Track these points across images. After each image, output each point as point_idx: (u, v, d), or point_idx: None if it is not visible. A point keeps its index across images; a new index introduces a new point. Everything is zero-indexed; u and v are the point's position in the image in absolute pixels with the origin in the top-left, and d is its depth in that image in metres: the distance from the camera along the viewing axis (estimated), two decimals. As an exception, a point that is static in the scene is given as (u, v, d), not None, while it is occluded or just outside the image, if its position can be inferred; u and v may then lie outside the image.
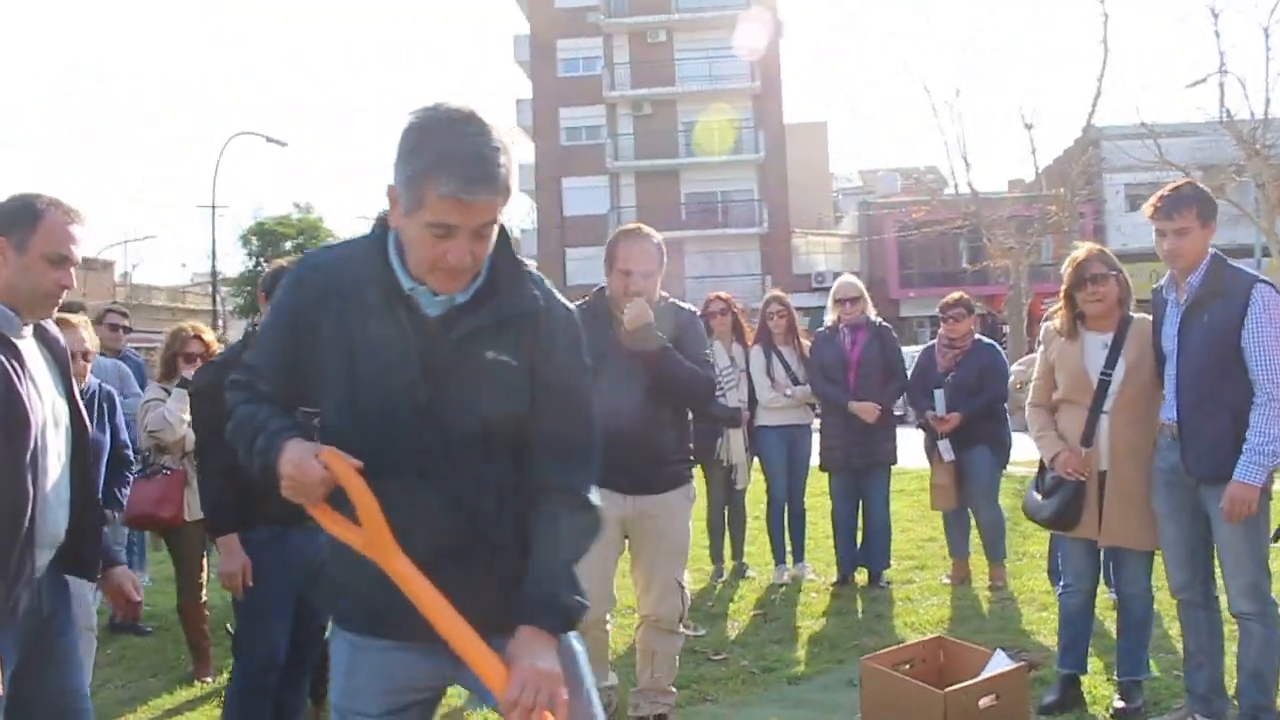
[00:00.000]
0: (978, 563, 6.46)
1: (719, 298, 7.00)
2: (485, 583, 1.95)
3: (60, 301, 2.66)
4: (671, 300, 4.08)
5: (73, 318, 4.36)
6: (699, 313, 6.88)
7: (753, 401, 6.73)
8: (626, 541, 4.11)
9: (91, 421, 3.01)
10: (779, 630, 5.52)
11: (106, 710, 4.57)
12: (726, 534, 6.98)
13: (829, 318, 6.56)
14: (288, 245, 48.36)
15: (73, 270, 2.63)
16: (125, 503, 4.43)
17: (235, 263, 50.89)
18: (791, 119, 41.58)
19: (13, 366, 2.45)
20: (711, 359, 6.58)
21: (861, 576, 6.46)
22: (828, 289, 7.06)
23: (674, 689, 4.16)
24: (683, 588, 4.05)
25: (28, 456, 2.45)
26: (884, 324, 6.55)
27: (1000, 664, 3.90)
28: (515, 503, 2.02)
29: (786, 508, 6.79)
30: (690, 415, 4.17)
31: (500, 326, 1.96)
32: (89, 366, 4.34)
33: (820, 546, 7.17)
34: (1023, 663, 4.01)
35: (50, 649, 2.68)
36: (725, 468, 6.74)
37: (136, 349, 8.17)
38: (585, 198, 38.98)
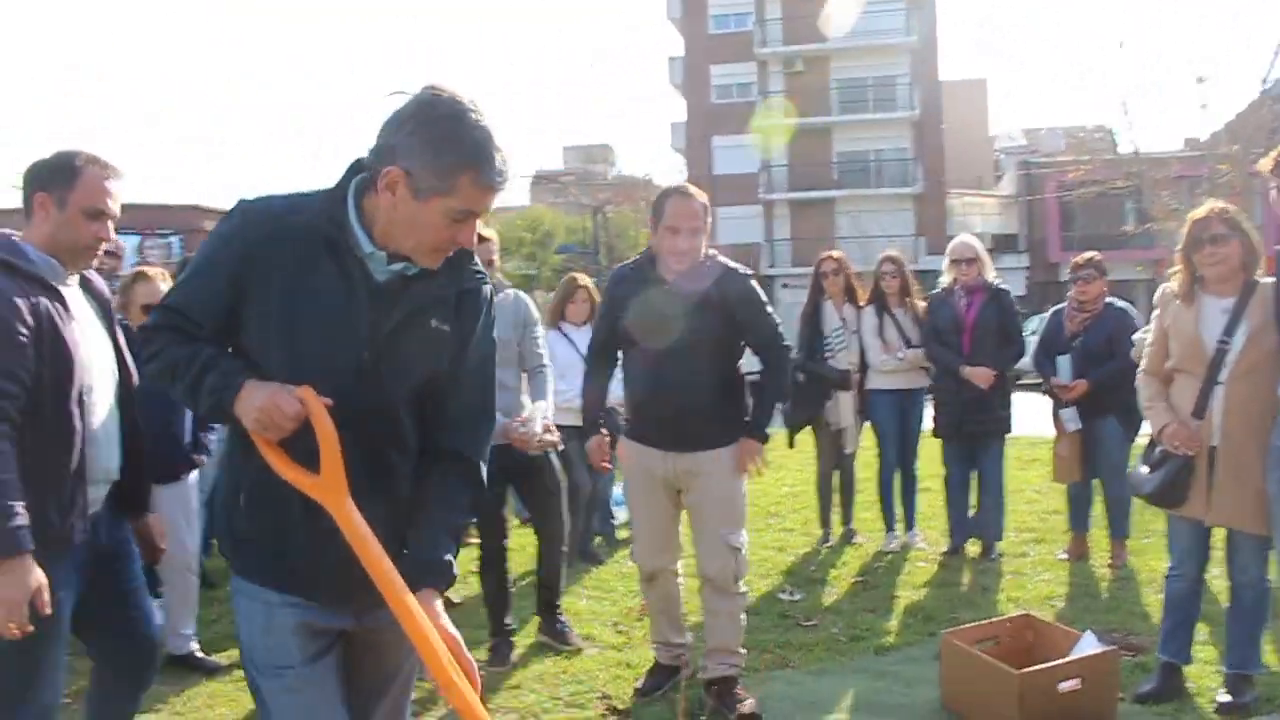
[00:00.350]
0: (1100, 539, 6.13)
1: (831, 257, 6.80)
2: (384, 530, 1.98)
3: (99, 253, 2.76)
4: (719, 259, 3.98)
5: (150, 270, 4.56)
6: (813, 271, 6.79)
7: (864, 364, 6.53)
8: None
9: None
10: (876, 599, 5.37)
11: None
12: (836, 499, 6.83)
13: (945, 279, 6.28)
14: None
15: (109, 223, 2.73)
16: (212, 449, 4.59)
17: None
18: (949, 75, 40.13)
19: (57, 310, 2.59)
20: (821, 320, 6.55)
21: (974, 548, 6.22)
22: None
23: (742, 650, 4.10)
24: (737, 549, 3.97)
25: (74, 394, 2.58)
26: (1002, 286, 6.24)
27: (1089, 646, 3.69)
28: (417, 461, 2.12)
29: (898, 474, 6.59)
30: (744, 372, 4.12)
31: (447, 298, 2.07)
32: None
33: (934, 515, 6.93)
34: (1112, 646, 3.77)
35: (114, 578, 2.84)
36: (833, 431, 6.60)
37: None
38: (735, 156, 38.53)
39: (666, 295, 3.88)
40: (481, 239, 4.48)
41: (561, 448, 4.87)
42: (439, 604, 1.99)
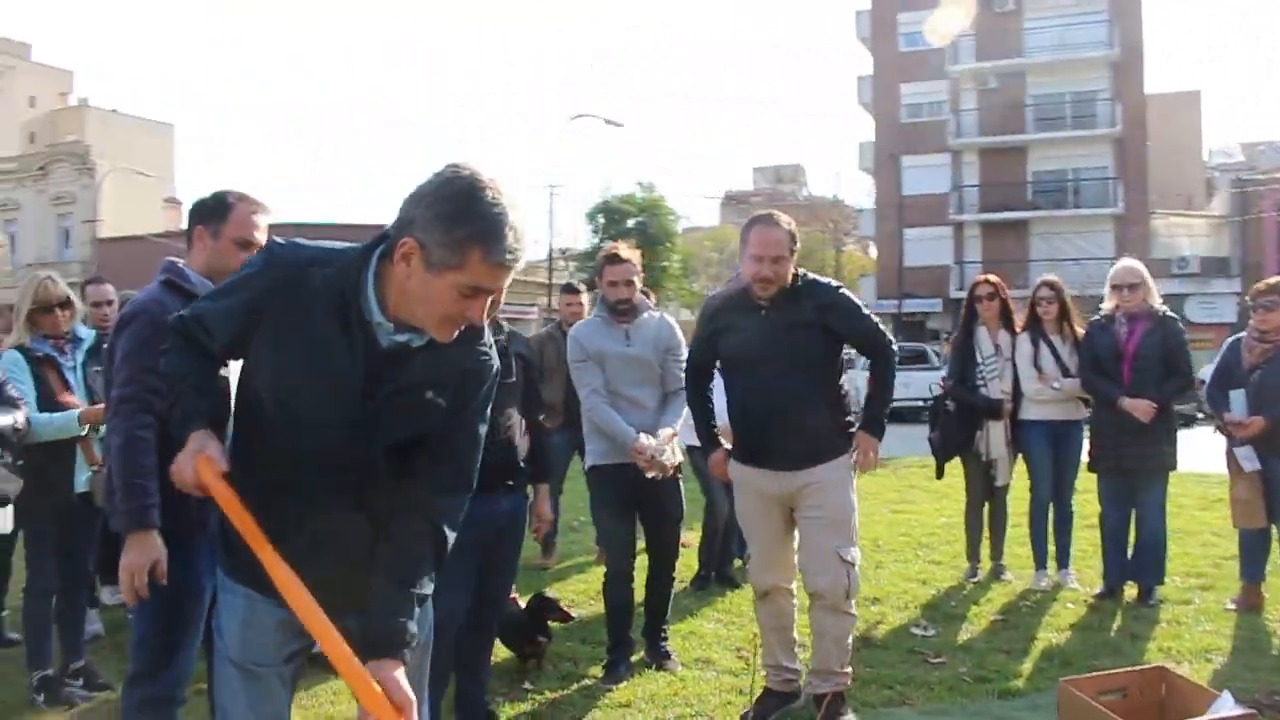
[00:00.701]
0: (1278, 590, 5.65)
1: (987, 281, 6.56)
2: (351, 570, 2.08)
3: None
4: (808, 276, 4.08)
5: None
6: (966, 295, 6.56)
7: (1017, 394, 6.25)
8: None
9: None
10: (1013, 639, 5.11)
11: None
12: (987, 533, 6.55)
13: (1106, 305, 5.94)
14: (630, 223, 50.50)
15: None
16: None
17: (583, 239, 53.31)
18: (1156, 88, 37.95)
19: None
20: (975, 347, 6.31)
21: (1132, 591, 5.84)
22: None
23: (848, 669, 4.07)
24: (850, 563, 3.95)
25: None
26: (1168, 314, 5.84)
27: (1225, 708, 3.38)
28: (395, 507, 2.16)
29: (1052, 509, 6.26)
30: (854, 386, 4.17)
31: (450, 376, 2.11)
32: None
33: (1092, 554, 6.54)
34: (1251, 711, 3.45)
35: None
36: (984, 462, 6.33)
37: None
38: (925, 176, 37.59)
39: (761, 321, 4.00)
40: (620, 259, 4.61)
41: (677, 473, 4.87)
42: (399, 671, 2.00)
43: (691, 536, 7.14)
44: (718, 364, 4.29)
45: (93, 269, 40.73)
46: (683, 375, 4.68)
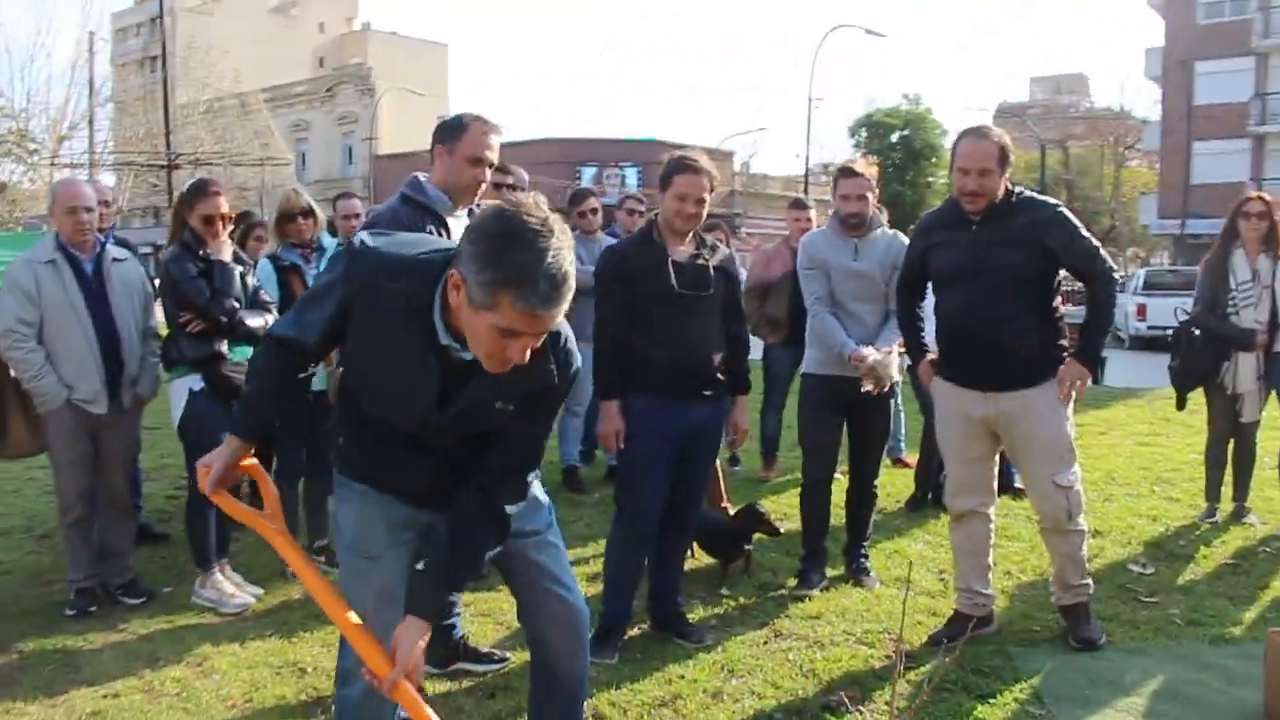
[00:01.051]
0: None
1: (1260, 198, 5.96)
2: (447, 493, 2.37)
3: (479, 192, 3.48)
4: (1025, 193, 3.99)
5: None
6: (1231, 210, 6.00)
7: (1275, 324, 5.72)
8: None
9: None
10: (1241, 586, 4.78)
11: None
12: (1230, 473, 6.09)
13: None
14: (893, 137, 48.87)
15: (488, 171, 3.45)
16: None
17: (843, 154, 52.06)
18: None
19: (443, 235, 3.30)
20: (1230, 270, 5.80)
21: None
22: None
23: (1086, 581, 4.11)
24: (1067, 487, 3.91)
25: None
26: None
27: None
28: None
29: (1309, 452, 5.74)
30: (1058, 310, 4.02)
31: (516, 391, 2.22)
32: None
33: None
34: None
35: None
36: (1230, 396, 5.87)
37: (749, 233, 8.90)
38: (1221, 83, 34.27)
39: (971, 236, 3.92)
40: (854, 173, 4.82)
41: (890, 392, 4.83)
42: (422, 636, 2.23)
43: (912, 458, 7.07)
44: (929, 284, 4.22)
45: (372, 184, 43.84)
46: None
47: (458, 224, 3.40)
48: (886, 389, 4.63)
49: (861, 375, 4.50)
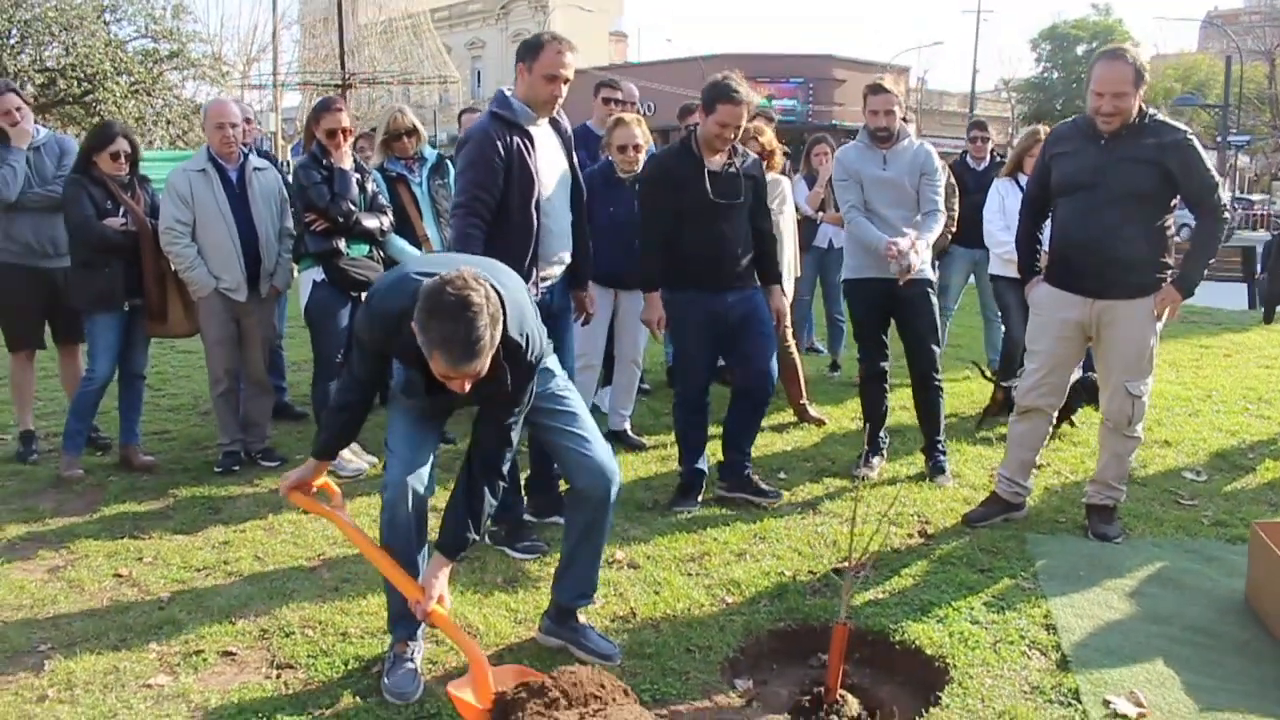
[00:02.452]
0: None
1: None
2: None
3: (556, 104, 3.91)
4: (1157, 116, 4.13)
5: (627, 117, 5.50)
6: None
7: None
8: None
9: None
10: (1291, 497, 4.88)
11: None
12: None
13: None
14: (1079, 50, 46.36)
15: (564, 86, 3.85)
16: None
17: (1025, 67, 49.50)
18: None
19: (525, 145, 3.81)
20: None
21: None
22: None
23: (1123, 487, 4.41)
24: (1136, 397, 4.21)
25: (533, 203, 3.80)
26: None
27: None
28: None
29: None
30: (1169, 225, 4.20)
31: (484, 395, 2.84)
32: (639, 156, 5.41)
33: None
34: None
35: (559, 330, 3.99)
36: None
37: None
38: None
39: (1098, 150, 4.11)
40: (882, 89, 5.07)
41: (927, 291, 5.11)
42: (445, 569, 2.91)
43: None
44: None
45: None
46: (936, 198, 4.99)
47: (539, 132, 3.92)
48: (911, 276, 4.87)
49: (890, 259, 4.80)
